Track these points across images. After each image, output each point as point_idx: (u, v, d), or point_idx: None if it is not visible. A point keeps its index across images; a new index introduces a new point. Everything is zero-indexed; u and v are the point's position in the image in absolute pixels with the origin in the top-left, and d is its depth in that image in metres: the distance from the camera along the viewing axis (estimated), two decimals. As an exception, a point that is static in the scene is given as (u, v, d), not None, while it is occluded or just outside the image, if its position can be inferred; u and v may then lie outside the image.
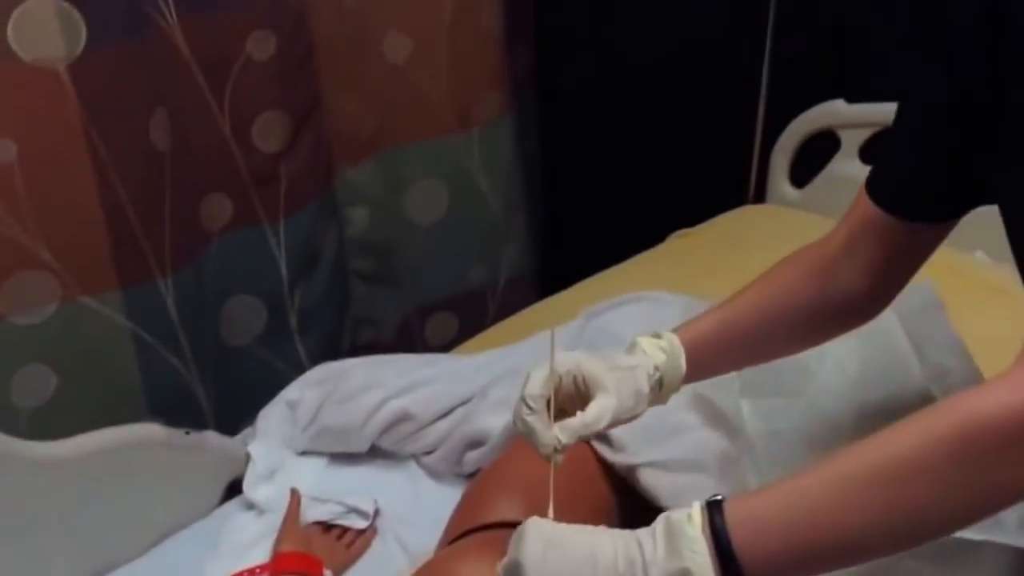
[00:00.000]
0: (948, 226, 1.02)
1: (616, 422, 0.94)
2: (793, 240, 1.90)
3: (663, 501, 1.13)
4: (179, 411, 1.66)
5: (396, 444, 1.50)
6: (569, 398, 0.95)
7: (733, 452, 1.20)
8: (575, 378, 0.94)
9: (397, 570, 1.34)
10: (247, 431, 1.59)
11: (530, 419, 0.91)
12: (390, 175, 2.00)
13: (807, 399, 1.22)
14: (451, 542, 1.14)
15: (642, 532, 0.75)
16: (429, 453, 1.49)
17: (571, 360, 0.95)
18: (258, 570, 1.29)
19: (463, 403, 1.47)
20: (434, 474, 1.49)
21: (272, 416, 1.53)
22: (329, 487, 1.47)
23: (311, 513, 1.39)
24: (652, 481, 1.14)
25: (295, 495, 1.39)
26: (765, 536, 0.72)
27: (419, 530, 1.39)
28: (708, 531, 0.73)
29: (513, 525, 1.10)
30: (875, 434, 0.73)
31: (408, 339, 2.16)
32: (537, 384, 0.92)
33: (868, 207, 1.02)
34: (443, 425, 1.47)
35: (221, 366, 1.78)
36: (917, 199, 0.99)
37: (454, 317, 2.22)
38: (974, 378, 1.26)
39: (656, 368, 1.00)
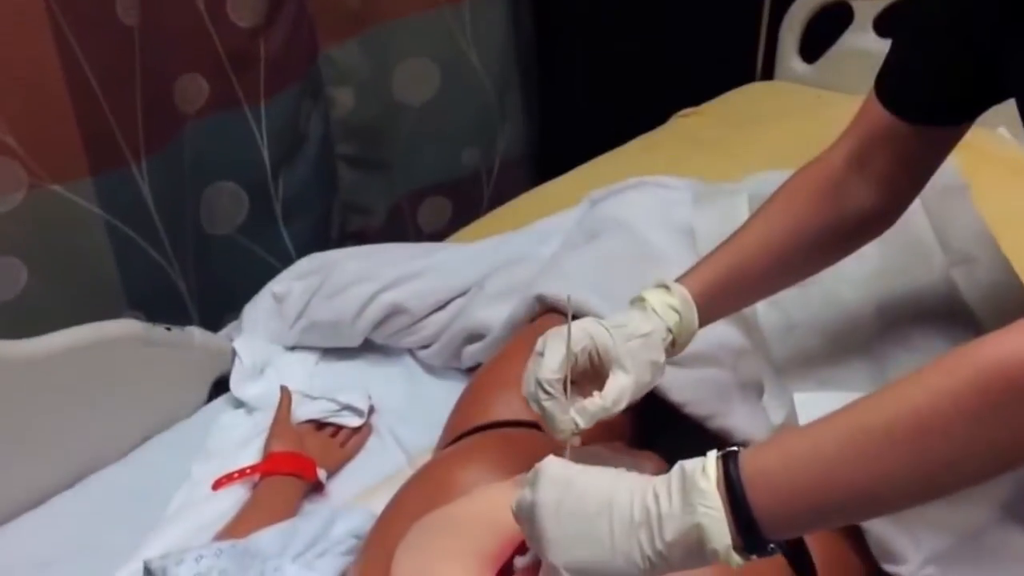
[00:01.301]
0: (962, 129, 0.98)
1: (633, 399, 0.89)
2: (804, 118, 1.85)
3: (673, 395, 1.09)
4: (160, 305, 1.61)
5: (390, 338, 1.45)
6: (583, 373, 0.90)
7: (748, 347, 1.15)
8: (590, 353, 0.89)
9: (394, 469, 1.31)
10: (232, 326, 1.53)
11: (547, 404, 0.87)
12: (377, 53, 1.92)
13: (823, 289, 1.16)
14: (450, 443, 1.10)
15: (659, 482, 0.72)
16: (425, 347, 1.44)
17: (586, 336, 0.89)
18: (249, 471, 1.25)
19: (460, 295, 1.41)
20: (430, 369, 1.45)
21: (258, 310, 1.47)
22: (321, 384, 1.42)
23: (303, 411, 1.34)
24: (665, 377, 1.09)
25: (285, 393, 1.34)
26: (780, 490, 0.69)
27: (416, 427, 1.36)
28: (723, 485, 0.69)
29: (515, 424, 1.08)
30: (892, 383, 0.69)
31: (399, 226, 2.10)
32: (553, 367, 0.87)
33: (878, 114, 0.98)
34: (439, 318, 1.41)
35: (202, 257, 1.73)
36: (930, 100, 0.95)
37: (447, 202, 2.16)
38: (999, 266, 1.20)
39: (669, 331, 0.94)
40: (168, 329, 1.36)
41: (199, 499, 1.24)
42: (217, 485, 1.25)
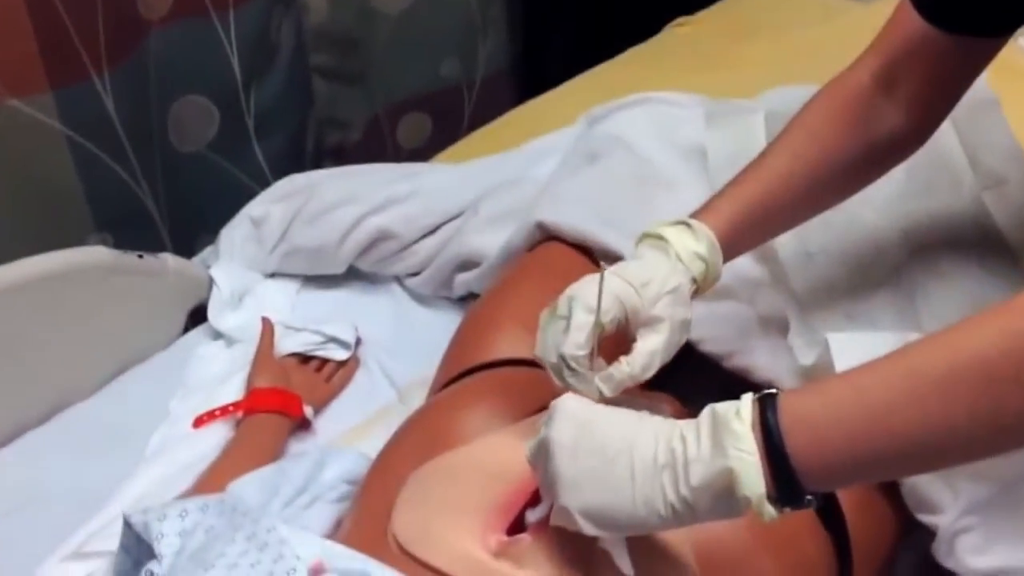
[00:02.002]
0: (1000, 42, 0.92)
1: (663, 362, 0.84)
2: (810, 25, 1.77)
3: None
4: (128, 226, 1.55)
5: (376, 265, 1.38)
6: (610, 336, 0.84)
7: (766, 278, 1.09)
8: (618, 320, 0.83)
9: (383, 404, 1.25)
10: (208, 252, 1.45)
11: (572, 380, 0.81)
12: (352, -44, 1.81)
13: (844, 213, 1.09)
14: (448, 383, 1.04)
15: (687, 424, 0.67)
16: (413, 275, 1.38)
17: (615, 304, 0.83)
18: (231, 408, 1.19)
19: (451, 219, 1.35)
20: (419, 297, 1.39)
21: (236, 235, 1.40)
22: (303, 314, 1.36)
23: (286, 344, 1.28)
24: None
25: (267, 325, 1.28)
26: (823, 438, 0.64)
27: (405, 359, 1.30)
28: (759, 429, 0.64)
29: (519, 364, 1.02)
30: (947, 328, 0.64)
31: (378, 141, 2.02)
32: (580, 342, 0.80)
33: (911, 25, 0.92)
34: (429, 244, 1.35)
35: (171, 175, 1.65)
36: (974, 6, 0.89)
37: (427, 118, 2.08)
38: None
39: (694, 280, 0.88)
40: (140, 257, 1.28)
41: (179, 438, 1.18)
42: (198, 423, 1.19)
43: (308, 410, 1.20)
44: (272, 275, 1.41)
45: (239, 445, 1.13)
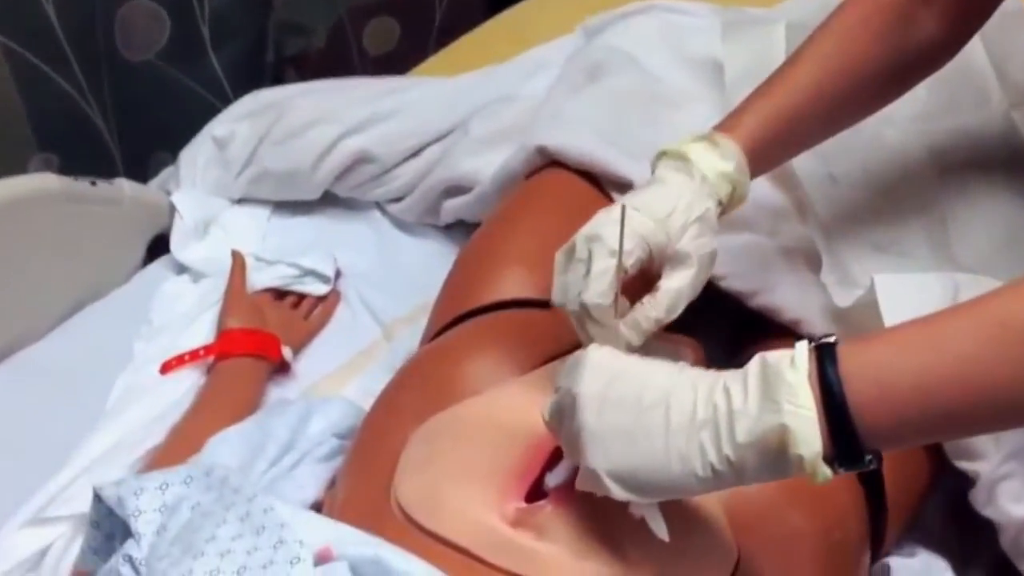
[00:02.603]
0: None
1: (690, 300, 0.78)
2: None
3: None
4: (75, 145, 1.43)
5: (354, 190, 1.28)
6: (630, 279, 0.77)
7: (787, 205, 1.01)
8: (641, 261, 0.76)
9: (367, 342, 1.17)
10: (166, 174, 1.34)
11: (595, 330, 0.75)
12: None
13: (866, 133, 1.01)
14: (446, 327, 0.95)
15: (730, 376, 0.61)
16: (396, 200, 1.28)
17: (639, 244, 0.75)
18: (202, 352, 1.09)
19: (437, 140, 1.24)
20: (402, 225, 1.29)
21: (197, 158, 1.28)
22: (275, 244, 1.26)
23: (259, 278, 1.18)
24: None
25: (238, 258, 1.18)
26: (891, 392, 0.57)
27: (390, 292, 1.22)
28: (816, 380, 0.58)
29: (525, 304, 0.94)
30: None
31: (343, 49, 1.89)
32: (602, 290, 0.74)
33: None
34: (413, 167, 1.25)
35: (120, 87, 1.52)
36: None
37: (394, 23, 1.94)
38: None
39: (720, 203, 0.80)
40: (93, 183, 1.17)
41: (146, 385, 1.09)
42: (166, 368, 1.10)
43: (287, 352, 1.11)
44: (239, 201, 1.30)
45: (213, 394, 1.04)
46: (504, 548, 0.70)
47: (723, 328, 1.03)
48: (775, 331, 0.95)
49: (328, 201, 1.30)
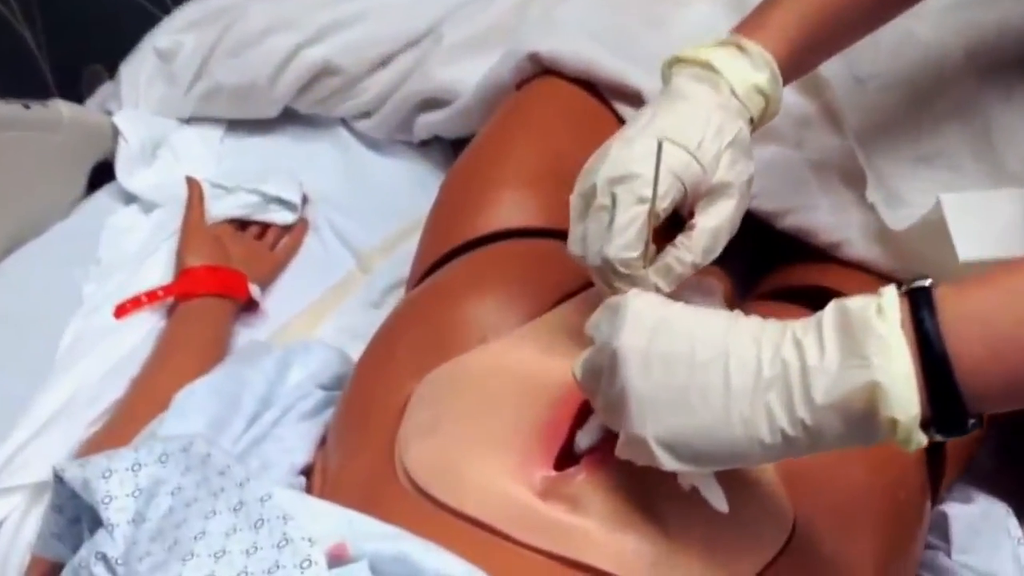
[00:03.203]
0: None
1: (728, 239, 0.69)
2: None
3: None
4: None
5: (317, 106, 1.17)
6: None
7: (814, 113, 0.92)
8: (675, 200, 0.67)
9: (342, 274, 1.08)
10: (105, 92, 1.21)
11: (622, 285, 0.66)
12: None
13: (896, 29, 0.92)
14: (438, 262, 0.85)
15: (800, 326, 0.53)
16: (364, 116, 1.17)
17: (674, 185, 0.66)
18: (161, 292, 0.99)
19: (408, 47, 1.13)
20: (371, 143, 1.19)
21: (140, 73, 1.16)
22: (232, 167, 1.15)
23: (219, 208, 1.08)
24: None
25: (194, 186, 1.07)
26: (1002, 348, 0.49)
27: (362, 219, 1.12)
28: (911, 331, 0.50)
29: (528, 233, 0.85)
30: None
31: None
32: (629, 241, 0.65)
33: None
34: (382, 78, 1.14)
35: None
36: None
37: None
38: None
39: (751, 120, 0.71)
40: (26, 107, 1.04)
41: (99, 331, 0.98)
42: (121, 312, 0.99)
43: (254, 289, 1.02)
44: (189, 121, 1.18)
45: (176, 340, 0.94)
46: (535, 524, 0.62)
47: (744, 253, 0.94)
48: (805, 256, 0.87)
49: (288, 118, 1.19)
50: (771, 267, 0.91)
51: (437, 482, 0.65)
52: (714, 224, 0.67)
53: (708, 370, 0.53)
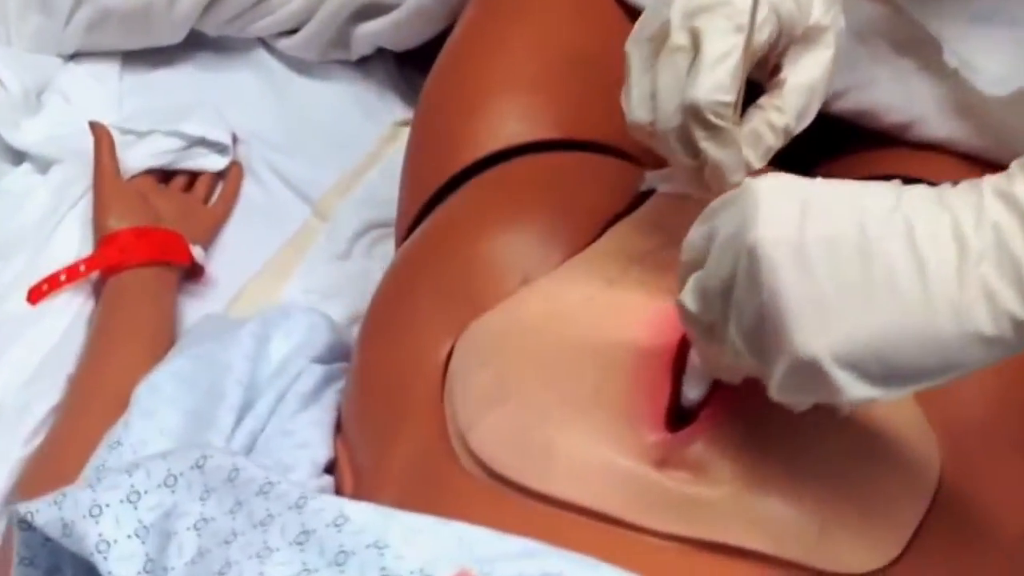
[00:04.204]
0: None
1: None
2: None
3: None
4: None
5: (230, 25, 1.01)
6: None
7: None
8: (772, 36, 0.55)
9: (299, 226, 0.93)
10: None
11: (710, 145, 0.53)
12: None
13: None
14: (438, 193, 0.72)
15: (1001, 178, 0.42)
16: (289, 34, 1.00)
17: (771, 16, 0.54)
18: (82, 267, 0.83)
19: (335, -56, 0.97)
20: (301, 65, 1.03)
21: (7, 3, 0.97)
22: (137, 109, 0.98)
23: (133, 157, 0.91)
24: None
25: (101, 132, 0.89)
26: None
27: (304, 156, 0.98)
28: None
29: (546, 147, 0.71)
30: None
31: None
32: (723, 80, 0.52)
33: None
34: (307, -16, 0.98)
35: None
36: None
37: None
38: None
39: None
40: None
41: (11, 322, 0.82)
42: (35, 296, 0.83)
43: (197, 251, 0.87)
44: (75, 57, 1.00)
45: (117, 324, 0.80)
46: (657, 502, 0.51)
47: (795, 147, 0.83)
48: (867, 144, 0.76)
49: (195, 44, 1.02)
50: (825, 162, 0.80)
51: (517, 462, 0.53)
52: (809, 79, 0.56)
53: (889, 250, 0.41)
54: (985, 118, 0.72)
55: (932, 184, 0.44)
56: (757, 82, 0.58)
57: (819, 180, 0.45)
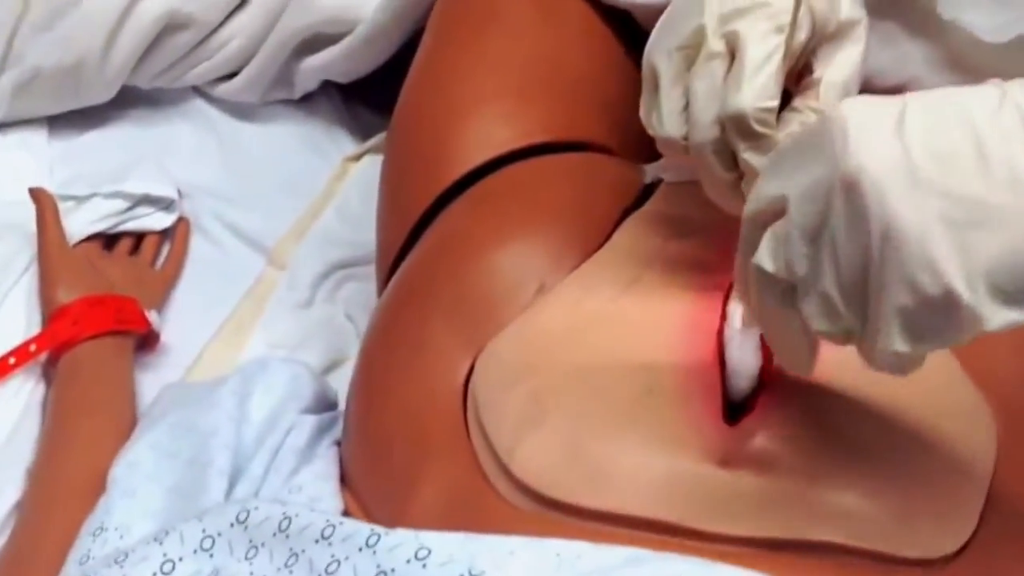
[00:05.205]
0: None
1: None
2: None
3: None
4: None
5: (164, 76, 0.96)
6: None
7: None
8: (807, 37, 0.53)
9: (255, 279, 0.88)
10: None
11: (750, 155, 0.51)
12: None
13: None
14: (427, 214, 0.68)
15: None
16: (227, 78, 0.96)
17: (805, 13, 0.52)
18: (33, 347, 0.76)
19: (270, -21, 0.93)
20: (242, 111, 0.98)
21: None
22: (71, 176, 0.91)
23: (75, 224, 0.85)
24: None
25: (44, 198, 0.84)
26: None
27: (254, 204, 0.93)
28: None
29: (534, 152, 0.67)
30: None
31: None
32: (767, 85, 0.50)
33: None
34: (243, 23, 0.93)
35: None
36: None
37: None
38: None
39: None
40: None
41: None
42: (-21, 382, 0.76)
43: (153, 316, 0.80)
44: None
45: (77, 405, 0.73)
46: (724, 504, 0.48)
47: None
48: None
49: (125, 100, 0.96)
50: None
51: (568, 482, 0.49)
52: (843, 76, 0.53)
53: (1011, 152, 0.37)
54: (980, 71, 0.69)
55: None
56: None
57: (906, 95, 0.40)
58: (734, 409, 0.50)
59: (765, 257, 0.41)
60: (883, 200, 0.37)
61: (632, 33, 0.75)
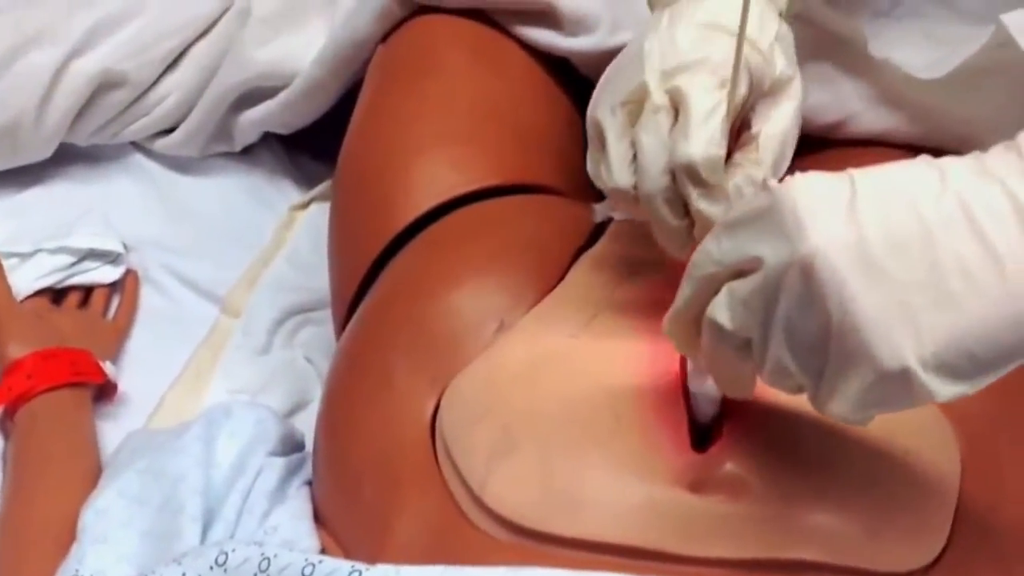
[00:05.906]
0: None
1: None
2: None
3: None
4: None
5: (101, 133, 0.97)
6: None
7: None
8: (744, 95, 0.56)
9: (209, 328, 0.89)
10: None
11: (704, 204, 0.53)
12: None
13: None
14: (379, 260, 0.71)
15: None
16: (164, 133, 0.98)
17: (744, 75, 0.54)
18: (-11, 407, 0.77)
19: (204, 34, 0.95)
20: (181, 164, 1.00)
21: None
22: (13, 234, 0.92)
23: (21, 280, 0.86)
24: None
25: (-10, 260, 0.84)
26: None
27: (202, 255, 0.95)
28: None
29: (485, 196, 0.70)
30: None
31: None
32: (713, 134, 0.52)
33: None
34: (179, 80, 0.96)
35: None
36: None
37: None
38: None
39: (780, 13, 0.61)
40: None
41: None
42: (-65, 445, 0.76)
43: (108, 367, 0.81)
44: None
45: (38, 459, 0.73)
46: (699, 528, 0.50)
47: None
48: (802, 148, 0.77)
49: (63, 158, 0.97)
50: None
51: (541, 511, 0.52)
52: (781, 128, 0.56)
53: (954, 239, 0.39)
54: (915, 107, 0.74)
55: None
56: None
57: (848, 172, 0.43)
58: (701, 434, 0.53)
59: (722, 313, 0.44)
60: (842, 285, 0.40)
61: (571, 78, 0.79)
